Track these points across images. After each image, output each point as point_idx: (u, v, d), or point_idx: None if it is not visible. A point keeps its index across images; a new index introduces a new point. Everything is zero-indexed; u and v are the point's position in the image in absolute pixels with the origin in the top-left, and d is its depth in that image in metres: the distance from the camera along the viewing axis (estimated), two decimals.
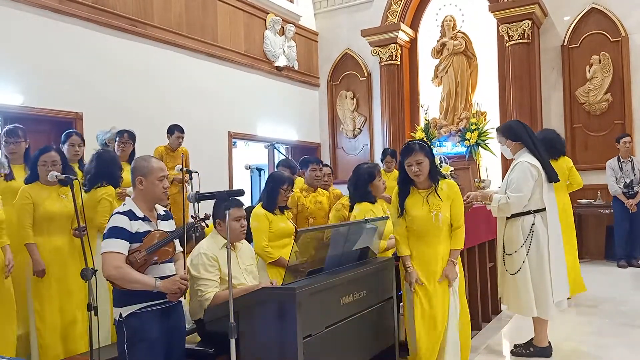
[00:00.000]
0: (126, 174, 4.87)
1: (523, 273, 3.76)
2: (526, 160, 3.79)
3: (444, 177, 3.46)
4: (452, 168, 7.10)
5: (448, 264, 3.30)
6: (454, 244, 3.34)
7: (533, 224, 3.78)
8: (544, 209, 3.81)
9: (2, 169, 3.84)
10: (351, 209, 4.10)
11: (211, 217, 3.56)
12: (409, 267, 3.33)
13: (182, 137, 6.12)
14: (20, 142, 4.20)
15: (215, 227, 3.42)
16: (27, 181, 3.83)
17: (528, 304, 3.74)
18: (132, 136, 5.15)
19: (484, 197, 3.98)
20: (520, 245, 3.79)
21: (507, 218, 3.89)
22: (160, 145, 6.11)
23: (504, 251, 3.91)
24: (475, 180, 4.16)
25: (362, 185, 4.04)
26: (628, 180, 7.09)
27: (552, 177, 3.86)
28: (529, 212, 3.80)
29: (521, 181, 3.74)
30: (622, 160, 7.25)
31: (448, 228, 3.33)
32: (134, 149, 5.17)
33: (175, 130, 6.08)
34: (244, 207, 3.47)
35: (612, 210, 7.38)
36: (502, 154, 7.88)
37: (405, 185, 3.35)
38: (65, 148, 4.62)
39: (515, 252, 3.81)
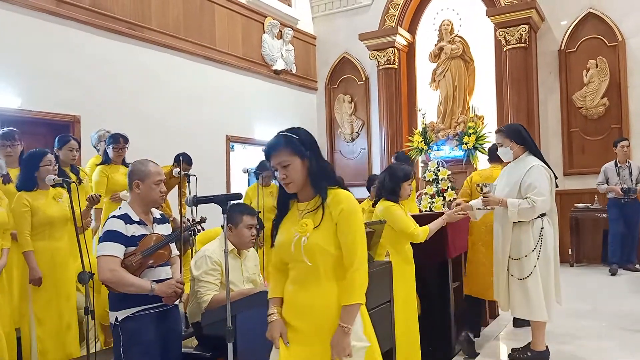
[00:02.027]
0: (121, 177, 4.90)
1: (534, 278, 3.73)
2: (539, 163, 3.78)
3: (341, 185, 2.26)
4: (449, 172, 7.11)
5: (337, 331, 2.07)
6: (343, 297, 2.09)
7: (542, 228, 3.75)
8: (546, 213, 3.81)
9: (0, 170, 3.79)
10: (374, 205, 3.89)
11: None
12: (270, 315, 2.24)
13: (190, 169, 5.73)
14: (17, 145, 4.23)
15: (224, 231, 3.40)
16: (26, 188, 3.78)
17: (539, 308, 3.71)
18: (126, 140, 5.16)
19: (495, 202, 3.85)
20: (532, 250, 3.75)
21: (514, 222, 3.81)
22: (168, 165, 5.87)
23: (510, 256, 3.86)
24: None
25: (394, 183, 3.66)
26: (625, 187, 6.97)
27: (555, 182, 3.88)
28: (537, 216, 3.77)
29: (542, 184, 3.70)
30: (619, 165, 7.13)
31: (332, 266, 2.13)
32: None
33: (184, 162, 5.61)
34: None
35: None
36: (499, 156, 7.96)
37: (284, 198, 2.28)
38: (61, 152, 4.62)
39: (525, 257, 3.75)
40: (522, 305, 3.82)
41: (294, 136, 2.18)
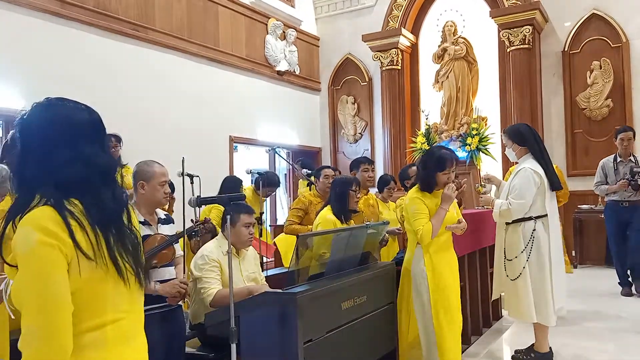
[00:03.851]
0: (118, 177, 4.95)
1: (523, 279, 3.77)
2: (530, 167, 3.79)
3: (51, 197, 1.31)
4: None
5: None
6: None
7: (534, 230, 3.78)
8: (545, 215, 3.82)
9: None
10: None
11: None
12: None
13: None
14: None
15: (222, 231, 3.40)
16: None
17: (528, 309, 3.75)
18: (118, 139, 5.21)
19: (487, 202, 3.99)
20: (521, 251, 3.79)
21: (508, 223, 3.90)
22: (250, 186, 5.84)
23: (505, 257, 3.91)
24: (477, 185, 4.13)
25: (427, 174, 3.37)
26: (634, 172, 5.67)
27: (554, 184, 3.86)
28: (530, 218, 3.80)
29: (524, 188, 3.74)
30: (619, 160, 5.91)
31: None
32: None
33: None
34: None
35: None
36: (502, 157, 7.97)
37: None
38: None
39: (515, 258, 3.82)
40: (513, 305, 3.88)
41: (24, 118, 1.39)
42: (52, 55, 5.90)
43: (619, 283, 5.94)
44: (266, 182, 5.64)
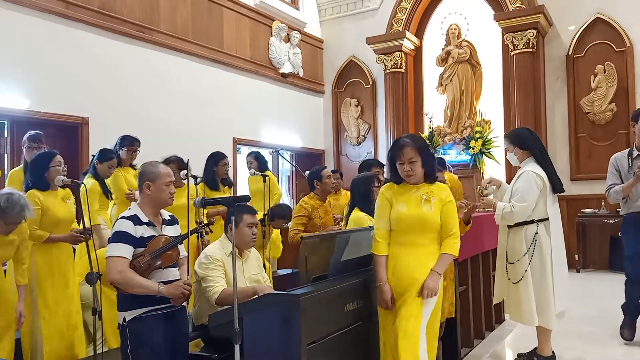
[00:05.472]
0: (132, 178, 4.97)
1: (525, 282, 3.77)
2: (532, 170, 3.80)
3: None
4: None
5: None
6: None
7: (536, 234, 3.79)
8: (547, 219, 3.82)
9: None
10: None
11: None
12: None
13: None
14: (43, 147, 4.30)
15: (226, 232, 3.40)
16: (39, 187, 3.75)
17: (530, 312, 3.74)
18: (139, 143, 5.20)
19: (488, 205, 3.99)
20: (523, 254, 3.79)
21: (510, 227, 3.90)
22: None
23: (507, 260, 3.91)
24: (479, 187, 4.15)
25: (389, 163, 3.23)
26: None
27: (557, 187, 3.86)
28: (532, 222, 3.80)
29: (526, 191, 3.75)
30: (636, 154, 4.27)
31: None
32: None
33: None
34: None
35: (616, 220, 6.97)
36: (505, 161, 7.96)
37: None
38: (100, 166, 4.72)
39: (517, 261, 3.82)
40: (515, 308, 3.88)
41: None
42: (57, 56, 5.92)
43: (621, 326, 4.40)
44: (278, 214, 5.54)
